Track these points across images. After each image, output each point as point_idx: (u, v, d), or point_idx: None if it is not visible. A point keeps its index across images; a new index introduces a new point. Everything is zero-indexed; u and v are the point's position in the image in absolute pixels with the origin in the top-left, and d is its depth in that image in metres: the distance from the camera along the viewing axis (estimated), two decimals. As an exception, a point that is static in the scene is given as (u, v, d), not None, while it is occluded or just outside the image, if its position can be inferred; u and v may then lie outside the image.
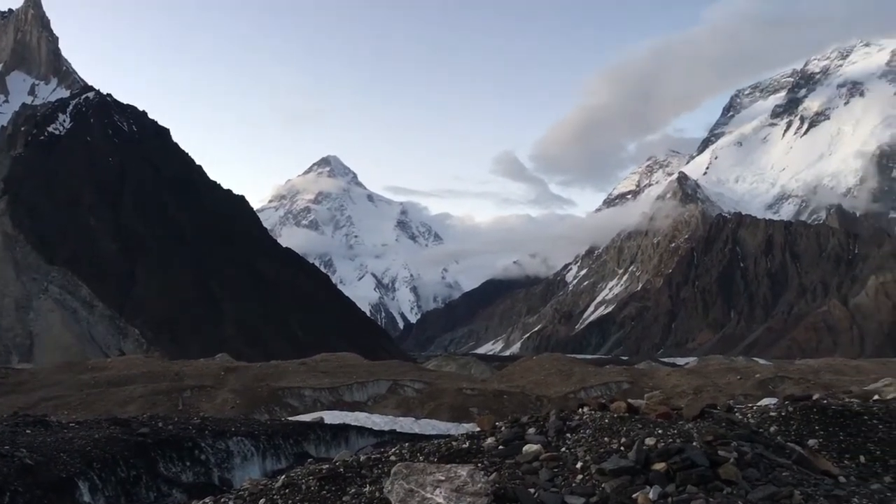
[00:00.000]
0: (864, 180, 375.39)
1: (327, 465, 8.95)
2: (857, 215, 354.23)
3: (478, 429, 9.95)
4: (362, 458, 9.16)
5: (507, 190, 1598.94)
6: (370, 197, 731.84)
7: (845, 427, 9.72)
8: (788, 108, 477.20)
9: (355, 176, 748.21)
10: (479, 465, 8.19)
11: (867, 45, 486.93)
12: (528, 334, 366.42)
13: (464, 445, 9.04)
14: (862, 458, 9.00)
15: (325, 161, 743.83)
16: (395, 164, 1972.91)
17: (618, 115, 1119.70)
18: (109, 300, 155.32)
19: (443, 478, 7.23)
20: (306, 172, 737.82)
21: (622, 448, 8.27)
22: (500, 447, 8.83)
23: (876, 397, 11.59)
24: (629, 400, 10.03)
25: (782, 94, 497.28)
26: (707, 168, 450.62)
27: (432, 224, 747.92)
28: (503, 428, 9.50)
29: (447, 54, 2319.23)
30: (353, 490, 7.98)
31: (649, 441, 8.14)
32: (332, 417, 30.57)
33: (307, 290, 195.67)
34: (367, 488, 7.94)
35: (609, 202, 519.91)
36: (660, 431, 8.53)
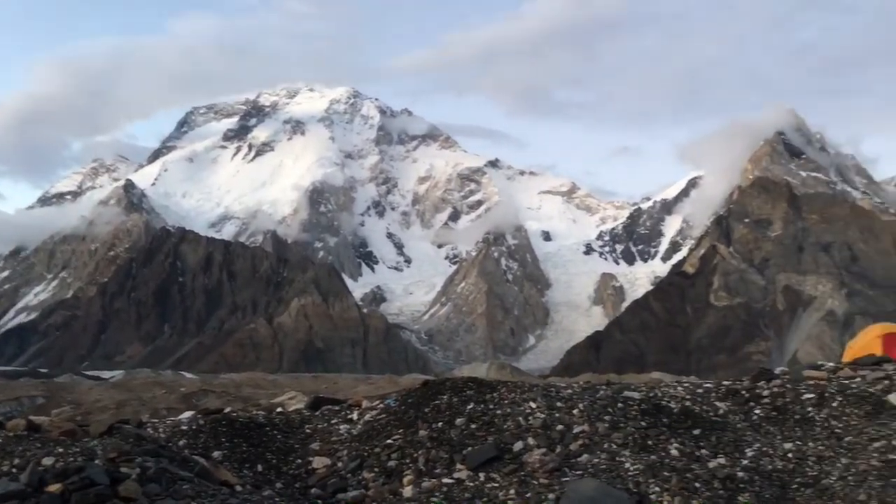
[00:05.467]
0: (297, 211, 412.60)
1: None
2: (289, 242, 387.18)
3: None
4: None
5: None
6: None
7: (249, 438, 10.38)
8: (239, 134, 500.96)
9: None
10: None
11: (311, 90, 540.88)
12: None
13: None
14: (260, 467, 9.72)
15: None
16: None
17: (67, 109, 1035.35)
18: None
19: None
20: None
21: (14, 470, 7.53)
22: None
23: (279, 409, 12.70)
24: (31, 417, 9.21)
25: (235, 119, 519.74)
26: (156, 179, 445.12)
27: None
28: None
29: None
30: None
31: (47, 461, 7.58)
32: None
33: None
34: None
35: (45, 201, 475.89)
36: (60, 450, 8.03)
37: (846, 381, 11.01)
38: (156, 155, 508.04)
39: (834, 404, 10.26)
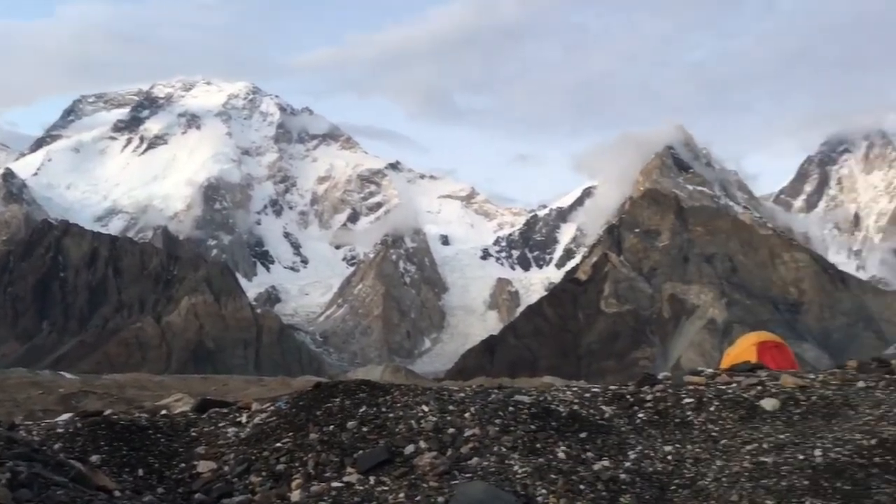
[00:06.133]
0: (190, 207, 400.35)
1: None
2: (181, 238, 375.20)
3: None
4: None
5: None
6: None
7: (130, 441, 9.98)
8: (130, 125, 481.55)
9: None
10: None
11: (209, 83, 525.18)
12: None
13: None
14: (141, 472, 9.35)
15: None
16: None
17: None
18: None
19: None
20: None
21: None
22: None
23: (164, 412, 12.26)
24: None
25: (126, 110, 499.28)
26: (38, 169, 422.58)
27: None
28: None
29: None
30: None
31: None
32: None
33: None
34: None
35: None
36: (-78, 455, 7.54)
37: (723, 387, 11.48)
38: (39, 144, 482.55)
39: (711, 409, 10.69)
